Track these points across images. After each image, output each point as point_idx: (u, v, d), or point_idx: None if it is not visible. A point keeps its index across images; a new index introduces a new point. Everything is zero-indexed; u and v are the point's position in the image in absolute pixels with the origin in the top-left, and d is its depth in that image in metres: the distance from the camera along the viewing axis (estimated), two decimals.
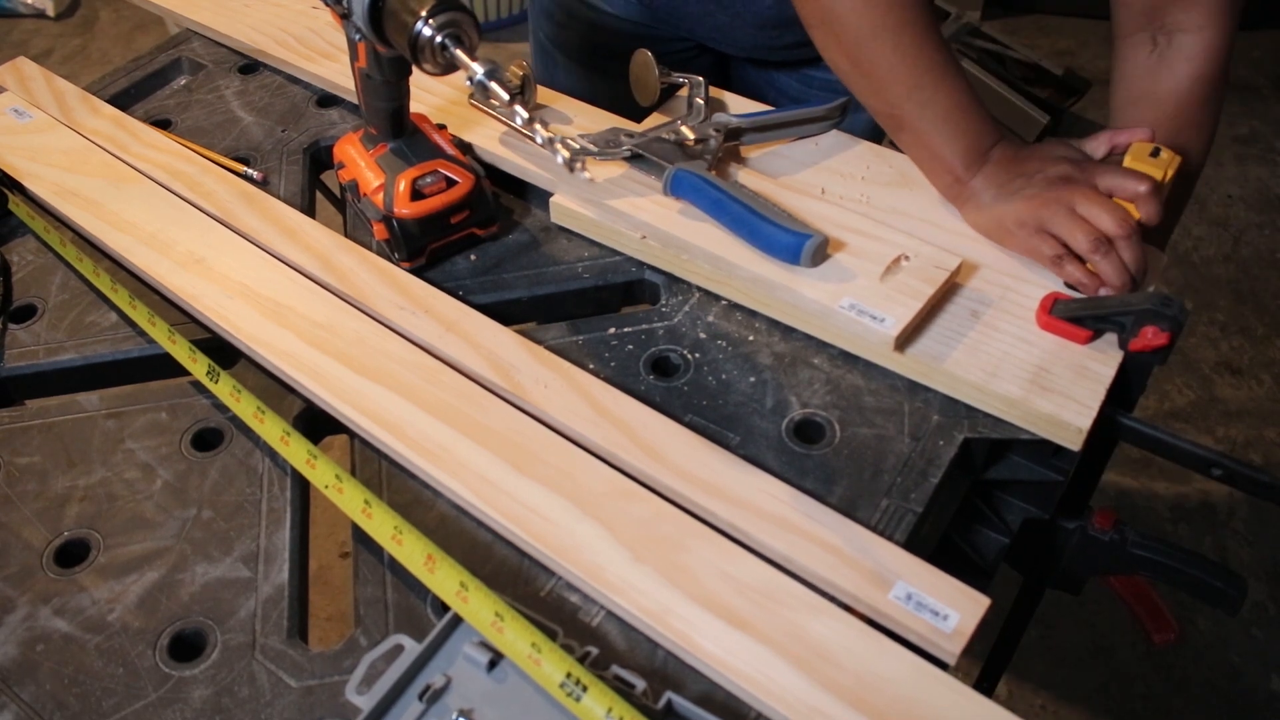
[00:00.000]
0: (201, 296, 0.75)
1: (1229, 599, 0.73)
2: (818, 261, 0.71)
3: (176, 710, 0.56)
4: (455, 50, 0.63)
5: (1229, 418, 1.83)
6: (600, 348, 0.73)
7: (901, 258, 0.71)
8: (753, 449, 0.66)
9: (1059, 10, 2.82)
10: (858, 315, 0.68)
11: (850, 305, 0.69)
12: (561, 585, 0.60)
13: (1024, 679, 1.49)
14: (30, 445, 0.71)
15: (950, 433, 0.66)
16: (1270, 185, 2.31)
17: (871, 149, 0.84)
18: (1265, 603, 1.56)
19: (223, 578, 0.62)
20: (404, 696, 0.53)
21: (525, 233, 0.83)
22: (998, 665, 0.99)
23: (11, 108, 0.97)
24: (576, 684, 0.50)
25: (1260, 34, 2.74)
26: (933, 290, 0.69)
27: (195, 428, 0.71)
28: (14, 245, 0.86)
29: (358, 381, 0.69)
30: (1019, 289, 0.72)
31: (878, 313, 0.68)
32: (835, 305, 0.69)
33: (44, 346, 0.77)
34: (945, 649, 0.54)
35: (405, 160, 0.77)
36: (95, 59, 2.84)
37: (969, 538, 0.75)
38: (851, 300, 0.69)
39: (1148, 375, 0.69)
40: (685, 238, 0.75)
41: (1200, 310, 2.03)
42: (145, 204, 0.84)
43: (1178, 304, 0.64)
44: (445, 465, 0.63)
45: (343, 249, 0.79)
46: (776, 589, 0.56)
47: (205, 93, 1.02)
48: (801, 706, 0.52)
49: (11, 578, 0.63)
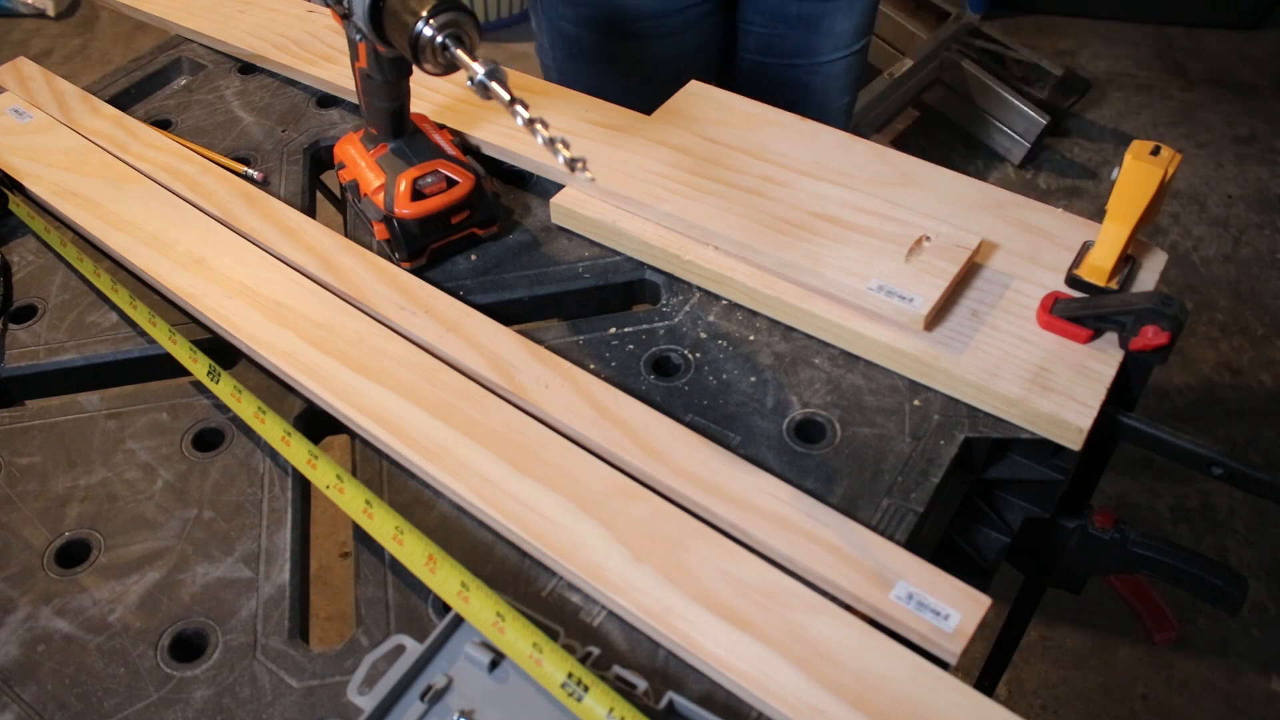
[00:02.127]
0: (202, 296, 0.75)
1: (1230, 598, 0.73)
2: None
3: (178, 710, 0.56)
4: (456, 50, 0.63)
5: (1229, 418, 1.83)
6: (601, 348, 0.73)
7: (923, 238, 0.72)
8: (753, 449, 0.66)
9: (1059, 10, 2.82)
10: (886, 296, 0.69)
11: (879, 286, 0.70)
12: (562, 585, 0.60)
13: (1024, 679, 1.49)
14: (31, 445, 0.71)
15: (951, 432, 0.66)
16: (1270, 185, 2.31)
17: (872, 148, 0.84)
18: (1265, 603, 1.56)
19: (224, 578, 0.62)
20: (405, 697, 0.53)
21: (525, 233, 0.83)
22: (998, 665, 0.99)
23: (11, 108, 0.97)
24: (578, 684, 0.50)
25: (1260, 34, 2.74)
26: (957, 269, 0.70)
27: (196, 428, 0.71)
28: (14, 245, 0.86)
29: (358, 381, 0.69)
30: (1019, 288, 0.72)
31: (906, 292, 0.69)
32: (864, 286, 0.70)
33: (44, 347, 0.77)
34: (946, 649, 0.54)
35: (406, 160, 0.77)
36: (95, 59, 2.84)
37: (969, 537, 0.75)
38: (879, 281, 0.70)
39: (1148, 375, 0.69)
40: (707, 224, 0.75)
41: (1200, 310, 2.03)
42: (145, 204, 0.84)
43: (1178, 304, 0.64)
44: (446, 465, 0.63)
45: (343, 249, 0.79)
46: (777, 589, 0.56)
47: (205, 93, 1.02)
48: (802, 706, 0.52)
49: (12, 578, 0.63)
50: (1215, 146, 2.41)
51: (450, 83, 0.91)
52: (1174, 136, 2.43)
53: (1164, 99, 2.55)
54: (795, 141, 0.85)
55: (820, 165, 0.83)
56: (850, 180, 0.82)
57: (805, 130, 0.86)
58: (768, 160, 0.81)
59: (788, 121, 0.87)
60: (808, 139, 0.86)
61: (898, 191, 0.81)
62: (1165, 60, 2.68)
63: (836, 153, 0.85)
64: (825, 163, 0.84)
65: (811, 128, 0.86)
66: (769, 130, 0.86)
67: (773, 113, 0.88)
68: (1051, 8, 2.83)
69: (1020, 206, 0.78)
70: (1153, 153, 0.72)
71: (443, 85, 0.92)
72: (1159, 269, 0.73)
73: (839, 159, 0.84)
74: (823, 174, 0.81)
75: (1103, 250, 0.70)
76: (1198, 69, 2.64)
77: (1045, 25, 2.81)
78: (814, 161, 0.83)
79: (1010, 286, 0.72)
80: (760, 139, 0.85)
